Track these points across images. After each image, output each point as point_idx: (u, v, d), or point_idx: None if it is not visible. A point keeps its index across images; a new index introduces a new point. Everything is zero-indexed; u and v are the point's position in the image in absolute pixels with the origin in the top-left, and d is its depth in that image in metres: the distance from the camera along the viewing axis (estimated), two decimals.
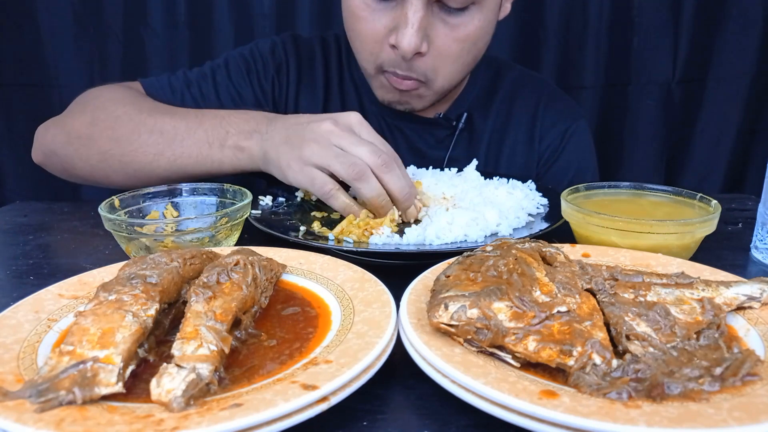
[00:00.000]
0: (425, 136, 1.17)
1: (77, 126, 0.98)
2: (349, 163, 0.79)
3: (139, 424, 0.39)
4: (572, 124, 1.20)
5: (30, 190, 1.89)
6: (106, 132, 0.95)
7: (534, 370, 0.47)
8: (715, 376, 0.44)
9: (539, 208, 0.88)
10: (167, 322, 0.54)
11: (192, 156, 0.91)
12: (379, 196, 0.80)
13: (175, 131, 0.92)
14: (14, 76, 1.80)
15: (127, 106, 0.96)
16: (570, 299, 0.51)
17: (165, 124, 0.93)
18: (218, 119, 0.92)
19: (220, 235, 0.78)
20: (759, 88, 1.88)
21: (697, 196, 0.81)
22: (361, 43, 0.99)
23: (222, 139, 0.90)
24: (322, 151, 0.80)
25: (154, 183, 0.90)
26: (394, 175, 0.80)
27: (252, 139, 0.89)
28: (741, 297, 0.56)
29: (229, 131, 0.90)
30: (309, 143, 0.81)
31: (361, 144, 0.81)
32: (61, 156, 1.00)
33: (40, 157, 1.04)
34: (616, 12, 1.82)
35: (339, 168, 0.79)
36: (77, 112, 1.01)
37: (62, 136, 0.99)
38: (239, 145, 0.89)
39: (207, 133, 0.91)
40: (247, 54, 1.14)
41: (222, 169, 0.92)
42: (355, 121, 0.84)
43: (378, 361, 0.47)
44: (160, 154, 0.92)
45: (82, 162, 0.98)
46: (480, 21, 0.95)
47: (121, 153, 0.93)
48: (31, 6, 1.75)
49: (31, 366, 0.47)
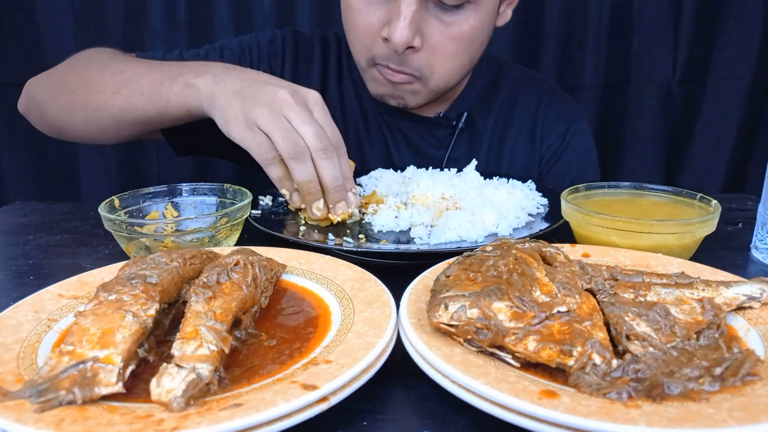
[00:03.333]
0: (425, 135, 1.17)
1: (56, 72, 1.03)
2: (291, 140, 0.78)
3: (139, 424, 0.39)
4: (573, 124, 1.20)
5: (30, 190, 1.89)
6: (76, 74, 0.98)
7: (534, 370, 0.47)
8: (715, 376, 0.44)
9: (539, 208, 0.88)
10: (167, 322, 0.54)
11: (144, 94, 0.91)
12: (310, 182, 0.80)
13: (135, 71, 0.93)
14: (14, 76, 1.80)
15: (104, 54, 1.01)
16: (570, 299, 0.51)
17: (128, 66, 0.95)
18: (179, 64, 0.93)
19: (220, 235, 0.78)
20: (759, 88, 1.88)
21: (697, 196, 0.81)
22: (356, 35, 1.00)
23: (174, 76, 0.89)
24: (271, 119, 0.79)
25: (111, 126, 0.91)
26: (329, 164, 0.80)
27: (203, 77, 0.87)
28: (741, 297, 0.56)
29: (183, 71, 0.90)
30: (260, 105, 0.80)
31: (310, 123, 0.79)
32: (38, 101, 1.04)
33: (23, 106, 1.09)
34: (616, 12, 1.82)
35: (280, 141, 0.78)
36: (62, 63, 1.06)
37: (42, 81, 1.04)
38: (189, 82, 0.87)
39: (162, 73, 0.91)
40: (244, 42, 1.14)
41: (169, 107, 0.90)
42: (312, 98, 0.83)
43: (378, 361, 0.47)
44: (116, 92, 0.93)
45: (53, 103, 1.01)
46: (475, 21, 0.95)
47: (84, 92, 0.96)
48: (31, 6, 1.75)
49: (31, 366, 0.47)
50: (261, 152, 0.80)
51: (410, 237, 0.79)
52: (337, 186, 0.81)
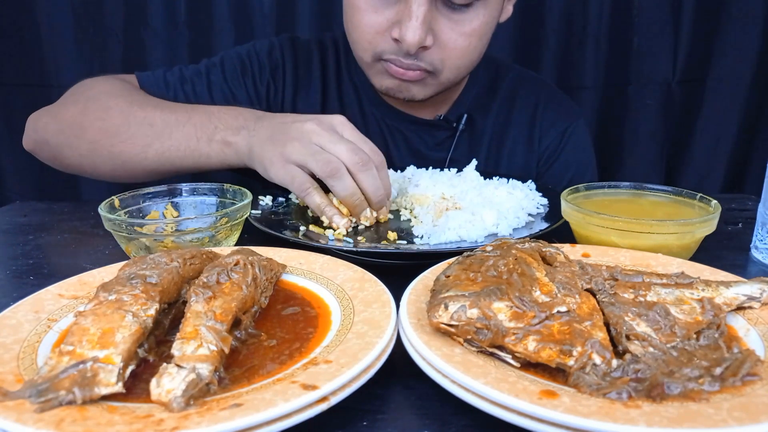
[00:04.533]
0: (425, 138, 1.17)
1: (69, 115, 0.99)
2: (325, 160, 0.79)
3: (139, 424, 0.39)
4: (571, 123, 1.20)
5: (30, 190, 1.89)
6: (96, 122, 0.95)
7: (534, 370, 0.47)
8: (715, 376, 0.44)
9: (539, 208, 0.88)
10: (167, 322, 0.54)
11: (180, 149, 0.92)
12: (352, 195, 0.81)
13: (165, 124, 0.93)
14: (14, 76, 1.80)
15: (118, 98, 0.97)
16: (570, 299, 0.51)
17: (155, 117, 0.94)
18: (207, 114, 0.93)
19: (220, 235, 0.78)
20: (759, 88, 1.87)
21: (697, 196, 0.81)
22: (360, 33, 0.99)
23: (210, 134, 0.91)
24: (302, 149, 0.81)
25: (142, 175, 0.90)
26: (369, 175, 0.81)
27: (239, 134, 0.89)
28: (741, 297, 0.56)
29: (217, 126, 0.91)
30: (291, 141, 0.82)
31: (340, 142, 0.81)
32: (52, 145, 1.01)
33: (30, 145, 1.05)
34: (616, 12, 1.82)
35: (314, 165, 0.80)
36: (70, 102, 1.02)
37: (54, 125, 1.00)
38: (227, 140, 0.90)
39: (195, 128, 0.91)
40: (243, 54, 1.14)
41: (209, 163, 0.92)
42: (338, 122, 0.85)
43: (378, 361, 0.47)
44: (149, 146, 0.92)
45: (71, 151, 0.98)
46: (485, 17, 0.96)
47: (110, 144, 0.94)
48: (31, 6, 1.75)
49: (31, 366, 0.47)
50: (297, 183, 0.82)
51: (410, 237, 0.79)
52: (379, 195, 0.82)
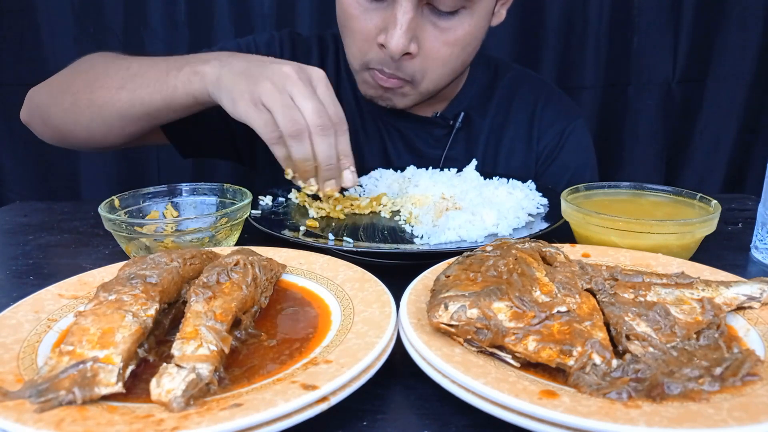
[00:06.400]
0: (423, 135, 1.17)
1: (59, 77, 1.03)
2: (291, 117, 0.79)
3: (139, 424, 0.39)
4: (570, 123, 1.20)
5: (30, 190, 1.89)
6: (81, 75, 0.98)
7: (534, 370, 0.47)
8: (715, 376, 0.44)
9: (539, 208, 0.88)
10: (167, 322, 0.54)
11: (150, 85, 0.91)
12: (305, 160, 0.82)
13: (140, 65, 0.94)
14: (14, 76, 1.80)
15: (107, 57, 1.00)
16: (570, 299, 0.51)
17: (133, 62, 0.95)
18: (185, 56, 0.93)
19: (220, 235, 0.78)
20: (759, 88, 1.88)
21: (697, 196, 0.81)
22: (352, 40, 1.00)
23: (180, 66, 0.90)
24: (274, 94, 0.80)
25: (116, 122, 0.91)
26: (324, 141, 0.81)
27: (209, 64, 0.88)
28: (741, 297, 0.56)
29: (189, 60, 0.91)
30: (264, 81, 0.81)
31: (311, 98, 0.80)
32: (41, 106, 1.03)
33: (25, 115, 1.08)
34: (616, 12, 1.82)
35: (281, 118, 0.79)
36: (64, 69, 1.06)
37: (45, 88, 1.04)
38: (195, 69, 0.88)
39: (168, 63, 0.91)
40: (242, 45, 1.15)
41: (176, 95, 0.89)
42: (316, 75, 0.84)
43: (378, 361, 0.47)
44: (122, 87, 0.93)
45: (56, 107, 1.00)
46: (470, 26, 0.96)
47: (89, 90, 0.95)
48: (31, 6, 1.75)
49: (31, 366, 0.47)
50: (267, 131, 0.81)
51: (410, 237, 0.79)
52: (330, 165, 0.82)
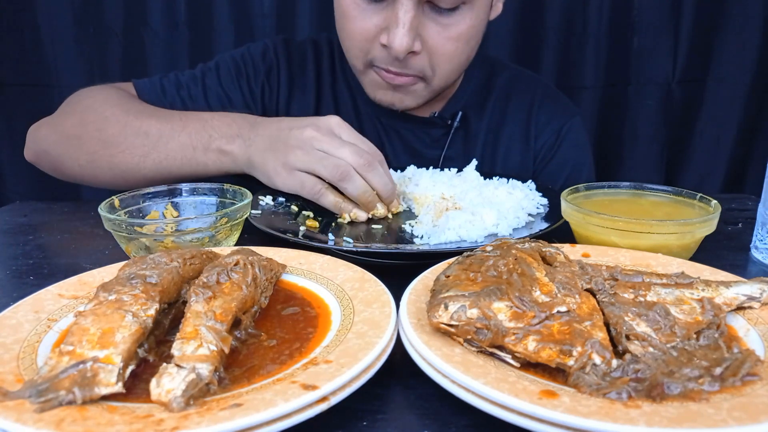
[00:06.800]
0: (420, 135, 1.17)
1: (67, 126, 1.01)
2: (333, 165, 0.82)
3: (139, 424, 0.39)
4: (567, 121, 1.20)
5: (30, 190, 1.89)
6: (94, 133, 0.97)
7: (534, 370, 0.47)
8: (715, 376, 0.44)
9: (539, 208, 0.88)
10: (167, 322, 0.54)
11: (177, 159, 0.93)
12: (364, 193, 0.84)
13: (160, 134, 0.94)
14: (14, 76, 1.80)
15: (114, 108, 0.98)
16: (570, 299, 0.51)
17: (151, 126, 0.95)
18: (201, 122, 0.94)
19: (220, 235, 0.78)
20: (759, 88, 1.87)
21: (697, 196, 0.81)
22: (351, 41, 1.00)
23: (206, 143, 0.92)
24: (307, 157, 0.83)
25: (142, 183, 0.91)
26: (376, 174, 0.84)
27: (235, 143, 0.91)
28: (741, 297, 0.56)
29: (212, 135, 0.93)
30: (293, 150, 0.84)
31: (343, 146, 0.83)
32: (52, 155, 1.02)
33: (31, 157, 1.07)
34: (616, 12, 1.82)
35: (323, 171, 0.83)
36: (68, 112, 1.03)
37: (53, 136, 1.02)
38: (222, 149, 0.92)
39: (191, 137, 0.93)
40: (238, 57, 1.14)
41: (207, 171, 0.94)
42: (335, 124, 0.87)
43: (378, 361, 0.47)
44: (146, 156, 0.94)
45: (71, 162, 1.00)
46: (471, 20, 0.96)
47: (109, 154, 0.95)
48: (31, 6, 1.74)
49: (31, 366, 0.47)
50: (308, 188, 0.85)
51: (410, 237, 0.79)
52: (389, 190, 0.86)
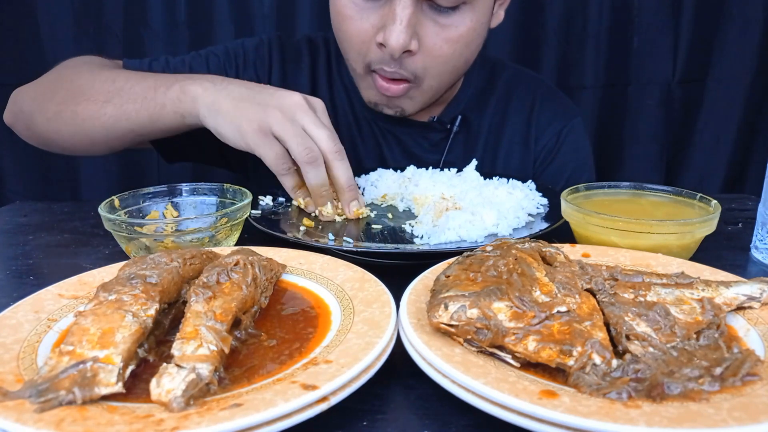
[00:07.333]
0: (419, 140, 1.15)
1: (44, 82, 1.02)
2: (306, 146, 0.80)
3: (139, 424, 0.39)
4: (567, 122, 1.19)
5: (30, 190, 1.89)
6: (65, 84, 0.97)
7: (534, 370, 0.47)
8: (715, 376, 0.44)
9: (539, 208, 0.88)
10: (167, 322, 0.54)
11: (137, 101, 0.90)
12: (321, 186, 0.83)
13: (127, 79, 0.92)
14: (14, 76, 1.80)
15: (92, 65, 0.99)
16: (570, 299, 0.51)
17: (120, 75, 0.94)
18: (175, 75, 0.92)
19: (220, 235, 0.78)
20: (759, 88, 1.88)
21: (697, 196, 0.81)
22: (349, 42, 0.98)
23: (170, 83, 0.89)
24: (285, 123, 0.81)
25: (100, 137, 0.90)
26: (343, 165, 0.83)
27: (200, 85, 0.87)
28: (741, 297, 0.56)
29: (179, 78, 0.90)
30: (273, 109, 0.81)
31: (322, 127, 0.82)
32: (26, 112, 1.02)
33: (10, 118, 1.07)
34: (616, 12, 1.82)
35: (295, 147, 0.80)
36: (49, 73, 1.04)
37: (30, 92, 1.03)
38: (186, 88, 0.87)
39: (157, 80, 0.91)
40: (230, 49, 1.13)
41: (162, 113, 0.89)
42: (319, 105, 0.86)
43: (378, 361, 0.47)
44: (108, 101, 0.91)
45: (41, 116, 0.99)
46: (472, 22, 0.94)
47: (74, 101, 0.94)
48: (31, 6, 1.74)
49: (31, 366, 0.47)
50: (278, 163, 0.83)
51: (410, 237, 0.79)
52: (351, 185, 0.84)
